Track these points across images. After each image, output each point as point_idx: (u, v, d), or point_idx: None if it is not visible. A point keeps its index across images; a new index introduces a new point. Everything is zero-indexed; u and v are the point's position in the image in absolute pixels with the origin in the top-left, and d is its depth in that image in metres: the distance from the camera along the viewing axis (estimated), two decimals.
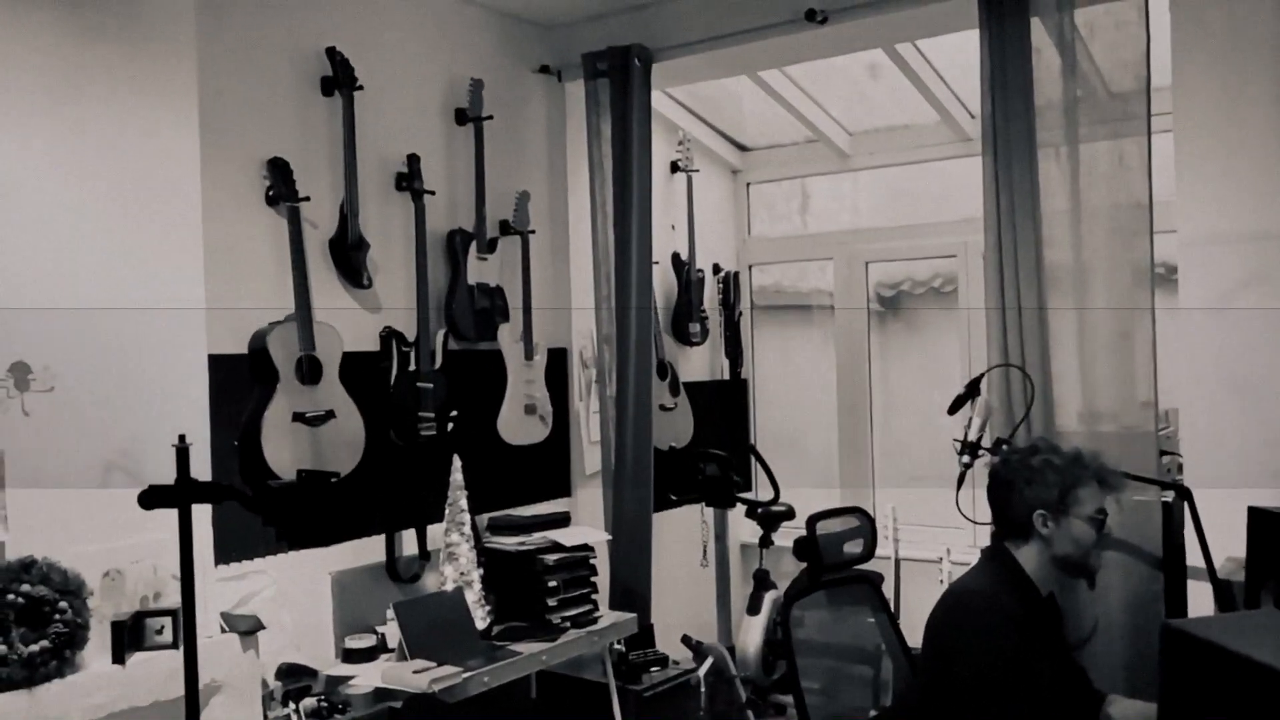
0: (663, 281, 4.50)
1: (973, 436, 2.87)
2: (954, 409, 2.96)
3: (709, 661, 3.62)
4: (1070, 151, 3.13)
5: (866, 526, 2.79)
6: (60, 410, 2.45)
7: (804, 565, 2.82)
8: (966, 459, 2.86)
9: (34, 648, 2.29)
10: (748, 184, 5.12)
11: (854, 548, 2.74)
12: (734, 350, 4.85)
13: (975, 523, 2.90)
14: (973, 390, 2.94)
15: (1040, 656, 2.37)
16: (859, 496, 4.62)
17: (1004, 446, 2.83)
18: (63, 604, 2.35)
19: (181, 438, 2.03)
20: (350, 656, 3.04)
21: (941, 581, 3.76)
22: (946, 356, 4.64)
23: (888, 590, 3.48)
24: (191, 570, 1.98)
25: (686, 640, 3.88)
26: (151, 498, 1.96)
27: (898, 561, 4.06)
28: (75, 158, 2.51)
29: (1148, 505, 2.92)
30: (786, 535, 4.27)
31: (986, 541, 2.61)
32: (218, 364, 2.81)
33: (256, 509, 2.75)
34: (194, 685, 1.95)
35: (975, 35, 3.25)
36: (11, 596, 2.28)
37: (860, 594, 2.83)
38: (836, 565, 2.73)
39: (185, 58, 2.75)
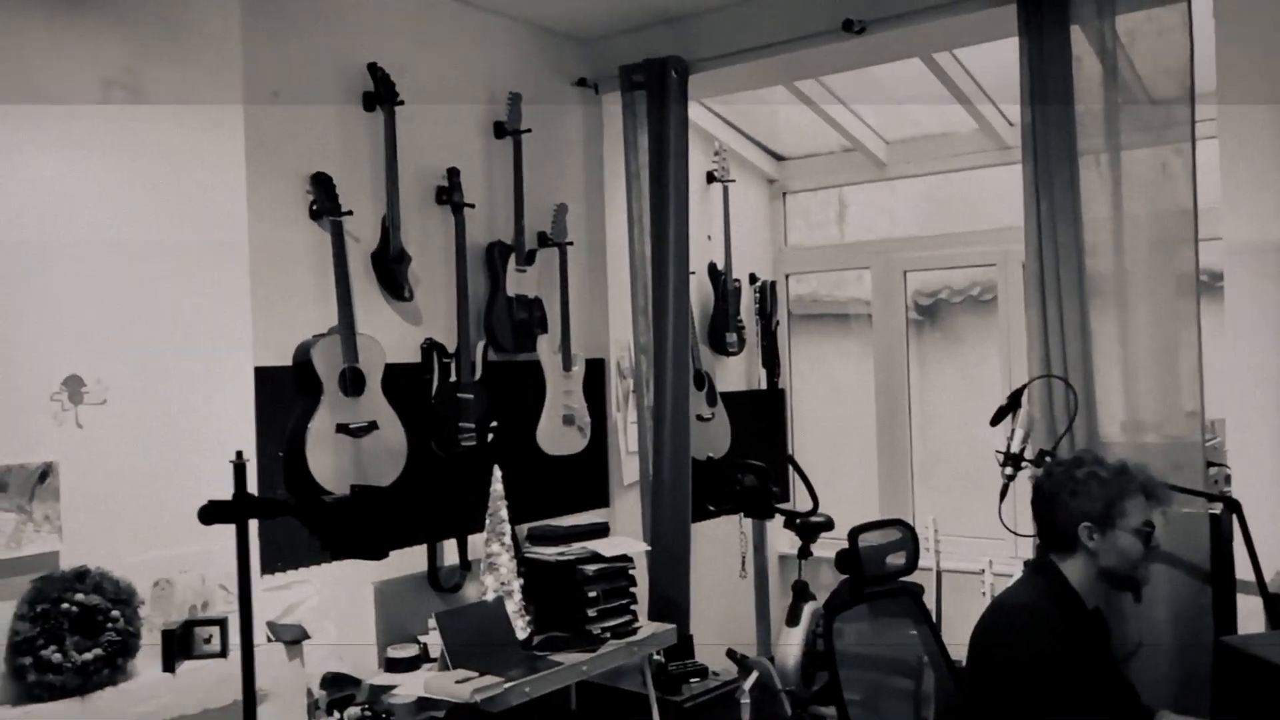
0: (699, 291, 4.51)
1: (1015, 448, 2.85)
2: (996, 420, 2.94)
3: (754, 675, 3.60)
4: (1112, 159, 3.10)
5: (909, 538, 2.78)
6: (112, 423, 2.50)
7: (844, 576, 2.82)
8: (1009, 471, 2.84)
9: (87, 656, 2.33)
10: (784, 193, 5.12)
11: (896, 560, 2.73)
12: (771, 360, 4.84)
13: (1018, 534, 2.89)
14: (1015, 401, 2.92)
15: (1086, 670, 2.34)
16: (898, 507, 4.60)
17: (1047, 458, 2.81)
18: (115, 613, 2.39)
19: (239, 454, 2.07)
20: (393, 666, 3.07)
21: (984, 594, 3.72)
22: (985, 366, 4.61)
23: (928, 602, 3.46)
24: (249, 583, 2.02)
25: (731, 654, 3.87)
26: (211, 513, 2.00)
27: (939, 573, 4.03)
28: (126, 174, 2.56)
29: (1195, 518, 2.89)
30: (825, 546, 4.27)
31: (1027, 553, 2.60)
32: (263, 376, 2.85)
33: (312, 523, 2.78)
34: (251, 695, 1.98)
35: (1014, 43, 3.24)
36: (66, 605, 2.32)
37: (902, 606, 2.82)
38: (879, 577, 2.72)
39: (231, 76, 2.80)
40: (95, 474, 2.46)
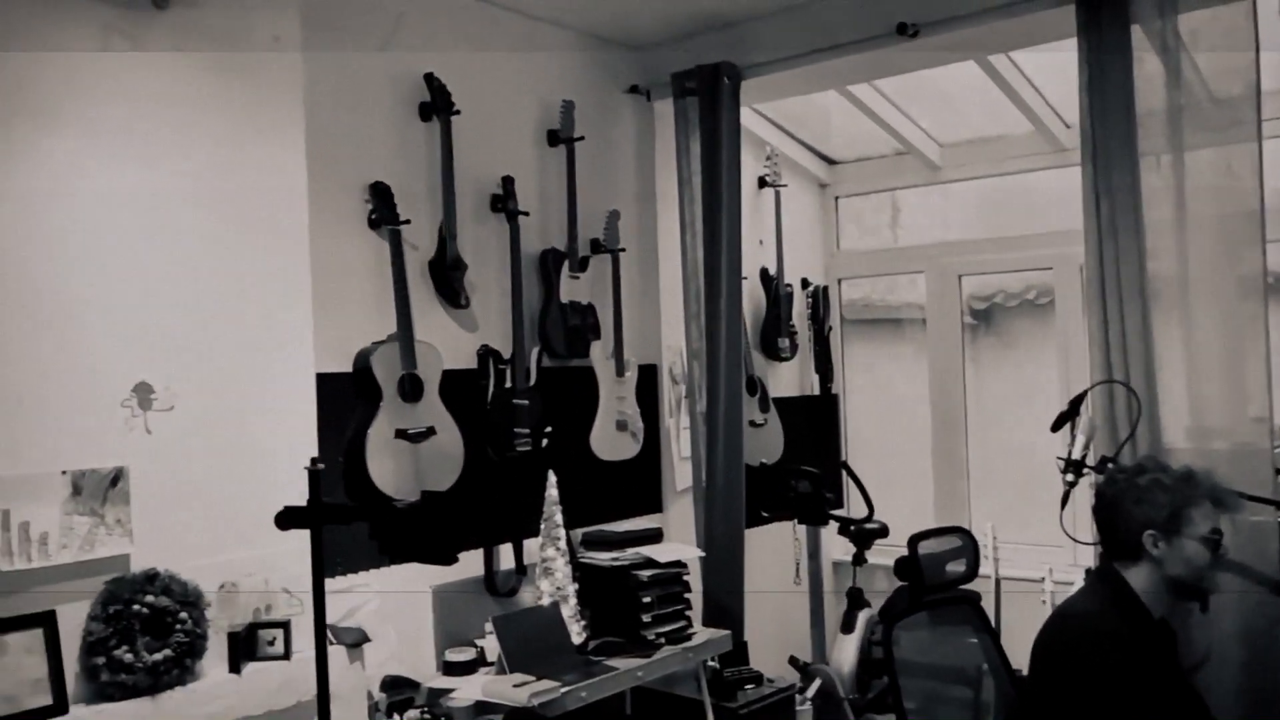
0: (751, 297, 4.50)
1: (1076, 455, 2.81)
2: (1057, 426, 2.90)
3: (817, 683, 3.59)
4: (1174, 160, 3.05)
5: (969, 546, 2.76)
6: (180, 429, 2.56)
7: (899, 584, 2.79)
8: (1070, 478, 2.80)
9: (157, 656, 2.39)
10: (836, 197, 5.10)
11: (956, 567, 2.70)
12: (824, 365, 4.82)
13: (1080, 542, 2.84)
14: (1076, 407, 2.88)
15: (1154, 681, 2.30)
16: (953, 514, 4.55)
17: (1110, 465, 2.77)
18: (183, 614, 2.45)
19: (314, 460, 2.11)
20: (451, 669, 3.10)
21: (1044, 601, 3.67)
22: (1041, 371, 4.55)
23: (986, 609, 3.42)
24: (322, 586, 2.06)
25: (794, 661, 3.86)
26: (287, 519, 2.05)
27: (998, 581, 3.98)
28: (191, 185, 2.62)
29: (1264, 527, 2.82)
30: (879, 553, 4.24)
31: (1086, 561, 2.56)
32: (324, 382, 2.90)
33: (382, 528, 2.83)
34: (325, 694, 2.01)
35: (1071, 44, 3.20)
36: (137, 607, 2.38)
37: (962, 614, 2.79)
38: (938, 585, 2.69)
39: (293, 89, 2.86)
40: (163, 478, 2.52)
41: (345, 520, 2.19)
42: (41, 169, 2.36)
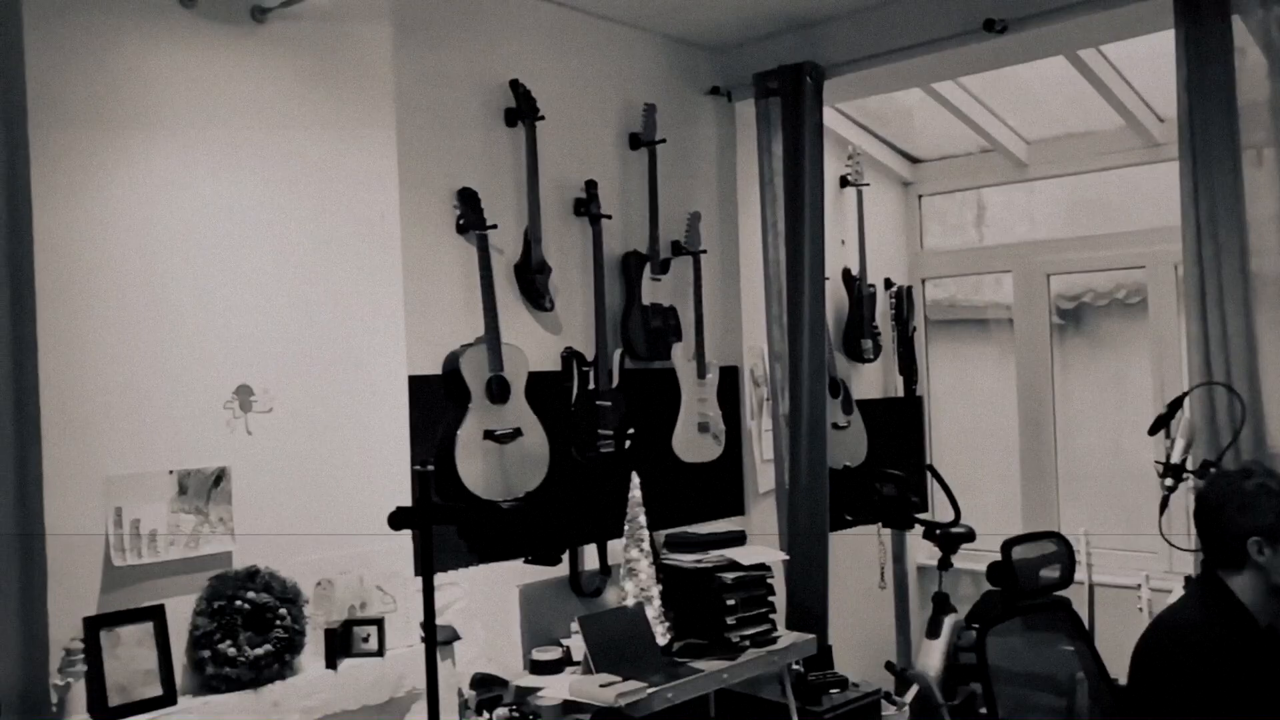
0: (833, 297, 4.46)
1: (1176, 458, 2.74)
2: (1155, 429, 2.83)
3: (914, 688, 3.55)
4: (1277, 154, 2.95)
5: (1064, 552, 2.70)
6: (278, 430, 2.63)
7: (985, 589, 2.75)
8: (1170, 482, 2.73)
9: (259, 651, 2.46)
10: (919, 196, 5.03)
11: (1050, 573, 2.65)
12: (908, 366, 4.75)
13: (1179, 549, 2.77)
14: (1174, 410, 2.80)
15: (1261, 692, 2.23)
16: (1042, 518, 4.45)
17: (1212, 470, 2.68)
18: (282, 610, 2.52)
19: (424, 463, 2.17)
20: (538, 668, 3.14)
21: (1141, 609, 3.58)
22: (1133, 372, 4.43)
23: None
24: (432, 585, 2.10)
25: (890, 666, 3.82)
26: (399, 519, 2.10)
27: (1091, 587, 3.89)
28: (289, 194, 2.70)
29: None
30: (965, 558, 4.18)
31: (1182, 567, 2.49)
32: (416, 384, 2.96)
33: (488, 529, 2.88)
34: (434, 687, 2.06)
35: (1166, 36, 3.12)
36: (239, 603, 2.46)
37: (1056, 621, 2.74)
38: (1032, 591, 2.64)
39: (385, 97, 2.92)
40: (263, 478, 2.60)
41: (455, 521, 2.23)
42: (147, 178, 2.45)
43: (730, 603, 3.30)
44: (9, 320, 2.31)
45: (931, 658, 3.97)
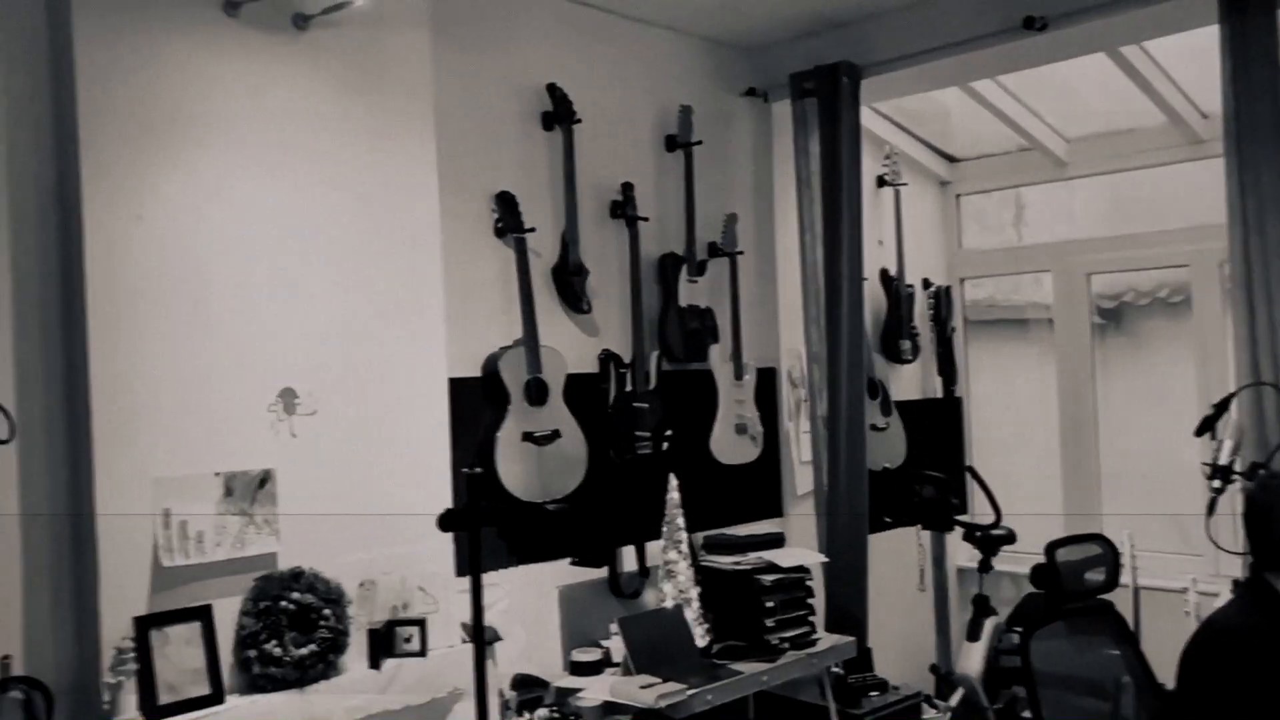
0: (871, 298, 4.43)
1: (1224, 460, 2.70)
2: (1201, 430, 2.79)
3: (959, 693, 3.52)
4: None
5: (1109, 555, 2.67)
6: (322, 432, 2.66)
7: (1027, 592, 2.72)
8: (1217, 484, 2.69)
9: (303, 651, 2.49)
10: (957, 195, 4.99)
11: (1095, 576, 2.62)
12: (947, 367, 4.72)
13: (1227, 551, 2.72)
14: (1222, 410, 2.76)
15: None
16: (1084, 520, 4.40)
17: (1260, 471, 2.64)
18: (327, 611, 2.55)
19: (472, 465, 2.19)
20: (577, 669, 3.14)
21: (1188, 612, 3.52)
22: (1176, 372, 4.37)
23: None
24: (479, 585, 2.11)
25: (935, 669, 3.80)
26: (449, 521, 2.12)
27: (1136, 590, 3.83)
28: (332, 199, 2.73)
29: None
30: (1005, 560, 4.14)
31: (1229, 570, 2.45)
32: (456, 387, 2.98)
33: (530, 529, 2.89)
34: (482, 685, 2.08)
35: (1210, 31, 3.08)
36: (284, 603, 2.49)
37: (1101, 624, 2.70)
38: (1077, 594, 2.61)
39: (424, 102, 2.95)
40: (307, 480, 2.62)
41: (503, 522, 2.25)
42: (194, 184, 2.49)
43: (769, 605, 3.30)
44: (61, 325, 2.36)
45: (972, 661, 3.93)
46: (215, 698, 2.38)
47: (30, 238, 2.34)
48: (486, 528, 2.96)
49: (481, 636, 2.05)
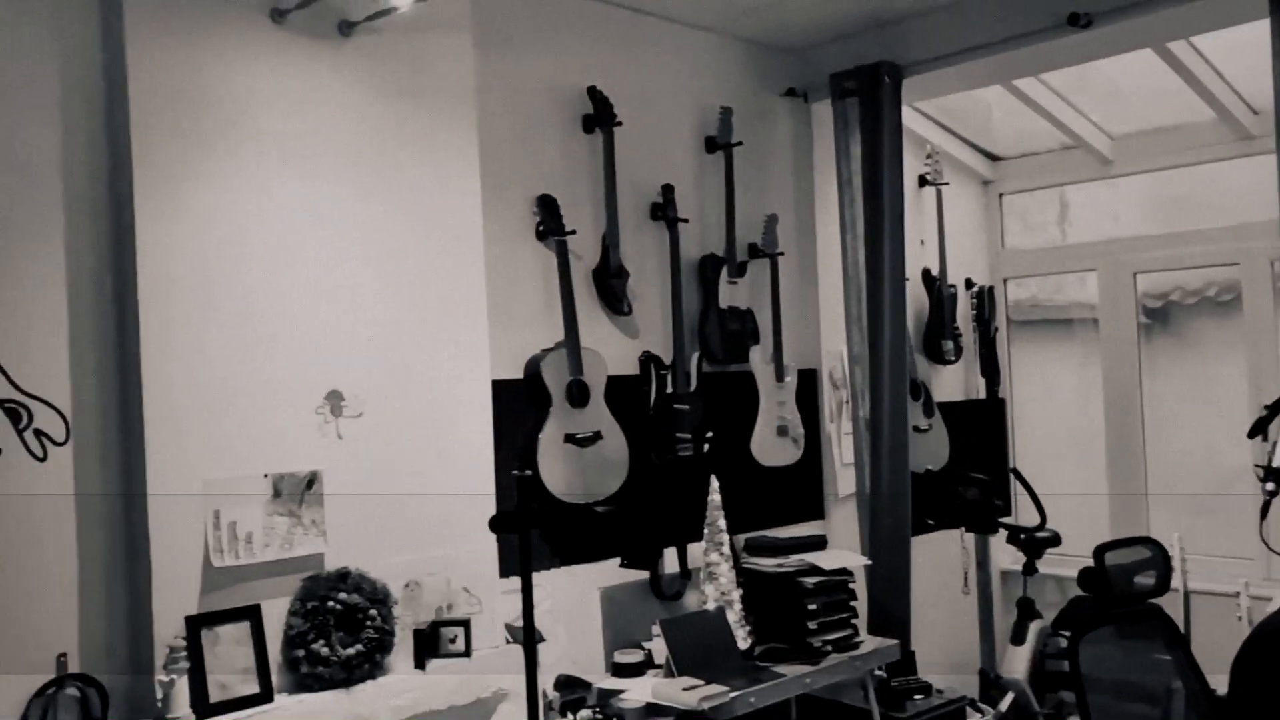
0: (913, 299, 4.39)
1: (1277, 462, 2.64)
2: (1255, 432, 2.74)
3: (1010, 697, 3.48)
4: None
5: (1159, 558, 2.63)
6: (368, 434, 2.69)
7: (1073, 595, 2.69)
8: (1270, 486, 2.63)
9: (350, 651, 2.52)
10: (1000, 194, 4.94)
11: (1145, 580, 2.58)
12: (990, 368, 4.67)
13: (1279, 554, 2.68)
14: (1275, 411, 2.71)
15: None
16: (1130, 522, 4.34)
17: None
18: (373, 611, 2.57)
19: (521, 468, 2.21)
20: (620, 670, 3.15)
21: (1240, 618, 3.46)
22: (1225, 372, 4.30)
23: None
24: (530, 585, 2.13)
25: (984, 674, 3.76)
26: (500, 523, 2.14)
27: (1186, 594, 3.77)
28: (376, 203, 2.76)
29: None
30: (1050, 562, 4.09)
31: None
32: (498, 389, 3.00)
33: (575, 530, 2.91)
34: (533, 684, 2.09)
35: (1260, 26, 3.02)
36: (331, 603, 2.52)
37: (1150, 629, 2.66)
38: (1126, 598, 2.58)
39: (466, 106, 2.97)
40: (354, 481, 2.65)
41: (552, 524, 2.26)
42: (242, 188, 2.53)
43: (811, 607, 3.28)
44: (114, 328, 2.40)
45: (1017, 664, 3.89)
46: (264, 696, 2.41)
47: (84, 244, 2.38)
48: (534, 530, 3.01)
49: (532, 638, 2.06)
